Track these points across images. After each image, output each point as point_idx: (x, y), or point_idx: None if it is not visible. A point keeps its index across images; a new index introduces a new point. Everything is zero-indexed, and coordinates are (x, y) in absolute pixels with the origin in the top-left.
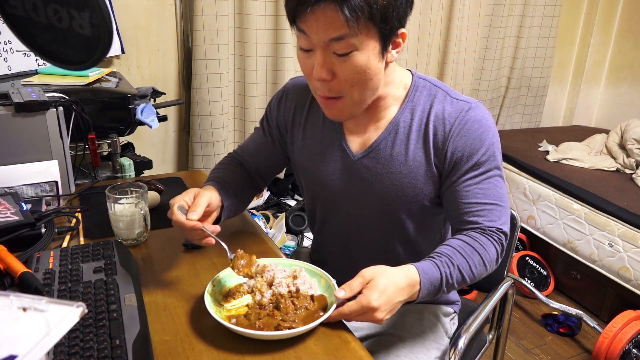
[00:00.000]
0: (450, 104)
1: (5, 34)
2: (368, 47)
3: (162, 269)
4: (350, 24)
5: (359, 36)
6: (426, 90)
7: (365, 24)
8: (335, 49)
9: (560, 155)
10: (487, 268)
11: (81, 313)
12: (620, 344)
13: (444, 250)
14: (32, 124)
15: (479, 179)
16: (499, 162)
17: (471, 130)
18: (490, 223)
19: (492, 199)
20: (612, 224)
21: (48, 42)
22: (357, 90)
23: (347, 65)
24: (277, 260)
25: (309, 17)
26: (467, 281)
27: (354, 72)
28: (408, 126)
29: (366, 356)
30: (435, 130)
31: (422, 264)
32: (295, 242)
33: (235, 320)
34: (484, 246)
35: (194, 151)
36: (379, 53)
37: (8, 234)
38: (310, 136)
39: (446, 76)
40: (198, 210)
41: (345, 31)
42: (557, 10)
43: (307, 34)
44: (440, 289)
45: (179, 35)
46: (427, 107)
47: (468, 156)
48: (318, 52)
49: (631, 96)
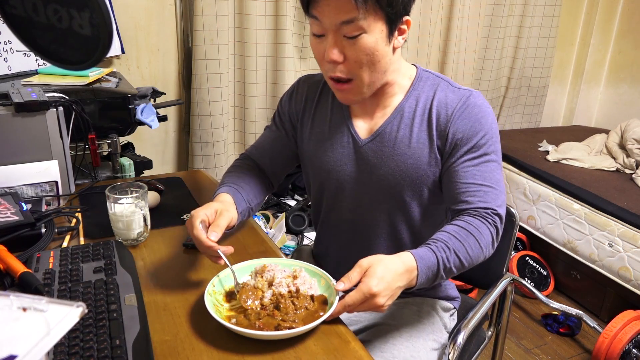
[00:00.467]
0: (452, 92)
1: (5, 34)
2: (376, 30)
3: (162, 269)
4: (359, 6)
5: (367, 19)
6: (430, 80)
7: (373, 7)
8: (345, 32)
9: (560, 155)
10: (483, 251)
11: (81, 313)
12: (620, 344)
13: (439, 236)
14: (32, 124)
15: (476, 162)
16: (497, 148)
17: (472, 114)
18: (484, 204)
19: (488, 182)
20: (612, 224)
21: (48, 42)
22: (366, 71)
23: (357, 47)
24: (277, 260)
25: (322, 2)
26: (465, 265)
27: (363, 54)
28: (412, 112)
29: (366, 356)
30: (438, 114)
31: (419, 250)
32: (295, 242)
33: (235, 320)
34: (479, 229)
35: (194, 151)
36: (386, 37)
37: (8, 234)
38: (318, 124)
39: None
40: (218, 232)
41: (355, 14)
42: (557, 10)
43: (319, 20)
44: (438, 274)
45: (179, 35)
46: (431, 94)
47: (468, 137)
48: (330, 35)
49: (631, 96)
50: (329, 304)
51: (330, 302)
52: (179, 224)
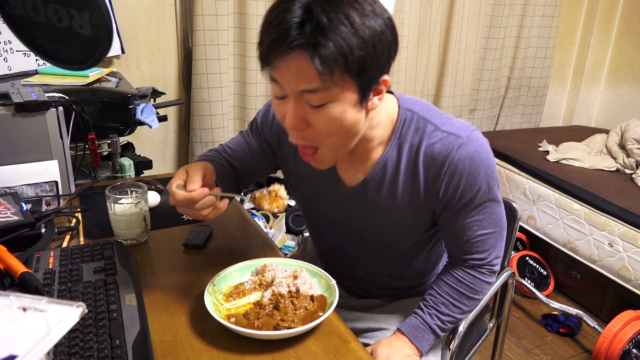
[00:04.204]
0: (440, 140)
1: (5, 34)
2: (344, 99)
3: (162, 269)
4: (323, 78)
5: (333, 89)
6: (414, 124)
7: (340, 75)
8: (308, 99)
9: (560, 155)
10: (478, 300)
11: (81, 313)
12: (620, 344)
13: (431, 301)
14: (32, 124)
15: (472, 213)
16: (494, 190)
17: (463, 170)
18: (480, 256)
19: (486, 229)
20: (612, 224)
21: (48, 42)
22: (333, 140)
23: (322, 116)
24: (277, 260)
25: (281, 65)
26: (461, 319)
27: (329, 123)
28: (395, 166)
29: (366, 356)
30: (426, 171)
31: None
32: (295, 242)
33: (235, 319)
34: (473, 285)
35: (194, 151)
36: (357, 104)
37: (8, 234)
38: (302, 161)
39: (446, 76)
40: (196, 180)
41: (318, 84)
42: (557, 10)
43: (279, 83)
44: (438, 336)
45: (179, 35)
46: (416, 143)
47: (461, 196)
48: (291, 101)
49: (631, 96)
50: (328, 304)
51: (330, 302)
52: (179, 224)
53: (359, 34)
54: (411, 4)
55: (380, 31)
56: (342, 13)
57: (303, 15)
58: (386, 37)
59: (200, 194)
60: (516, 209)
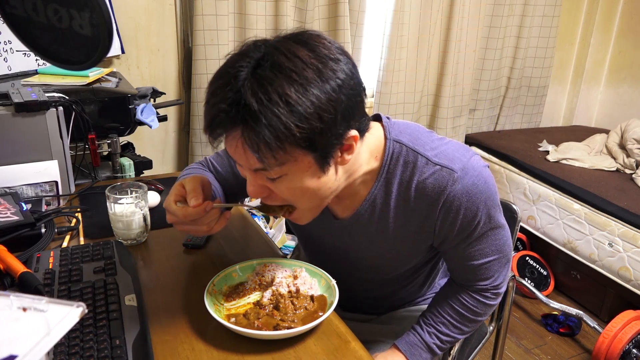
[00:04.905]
0: (432, 174)
1: (5, 34)
2: (300, 169)
3: (162, 269)
4: (265, 161)
5: (284, 165)
6: (402, 157)
7: (288, 151)
8: (262, 173)
9: (560, 155)
10: (480, 322)
11: (81, 313)
12: (620, 344)
13: (431, 320)
14: (32, 124)
15: (474, 244)
16: (496, 218)
17: (460, 206)
18: (485, 282)
19: (489, 256)
20: (612, 224)
21: (48, 42)
22: (304, 201)
23: (281, 187)
24: (277, 260)
25: (226, 142)
26: (461, 339)
27: (291, 192)
28: (384, 202)
29: (366, 356)
30: (419, 208)
31: (408, 346)
32: (295, 242)
33: (235, 319)
34: (476, 308)
35: (194, 151)
36: (318, 170)
37: (8, 234)
38: None
39: (446, 76)
40: (198, 194)
41: (264, 165)
42: (557, 10)
43: (232, 157)
44: (435, 354)
45: (179, 35)
46: (406, 179)
47: (459, 231)
48: (247, 174)
49: (631, 96)
50: (328, 304)
51: (330, 302)
52: None
53: (298, 111)
54: (411, 4)
55: (328, 99)
56: (274, 92)
57: (234, 98)
58: (340, 100)
59: (204, 207)
60: (516, 210)
